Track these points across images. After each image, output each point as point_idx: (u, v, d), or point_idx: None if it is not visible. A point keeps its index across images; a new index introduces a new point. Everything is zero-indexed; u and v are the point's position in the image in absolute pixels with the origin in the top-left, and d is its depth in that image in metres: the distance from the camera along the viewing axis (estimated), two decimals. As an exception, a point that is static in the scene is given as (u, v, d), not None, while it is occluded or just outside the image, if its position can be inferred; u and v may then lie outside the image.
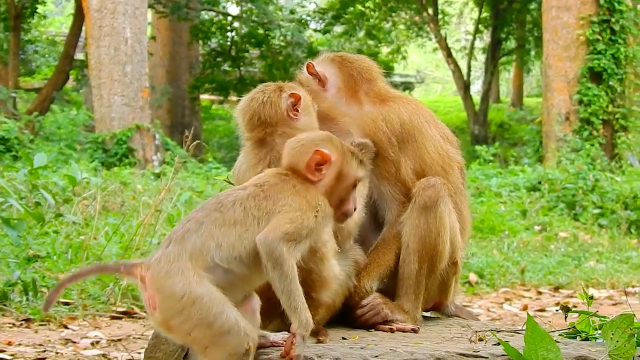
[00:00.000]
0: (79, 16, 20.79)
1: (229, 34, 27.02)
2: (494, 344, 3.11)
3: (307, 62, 3.70)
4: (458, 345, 3.12)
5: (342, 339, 3.20)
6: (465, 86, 28.19)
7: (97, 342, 5.24)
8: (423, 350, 2.95)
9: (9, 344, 4.96)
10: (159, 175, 12.82)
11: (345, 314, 3.41)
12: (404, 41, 31.60)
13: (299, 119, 3.36)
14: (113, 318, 5.95)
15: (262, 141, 3.32)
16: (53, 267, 6.58)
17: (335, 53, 3.86)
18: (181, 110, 25.65)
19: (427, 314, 3.80)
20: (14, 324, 5.52)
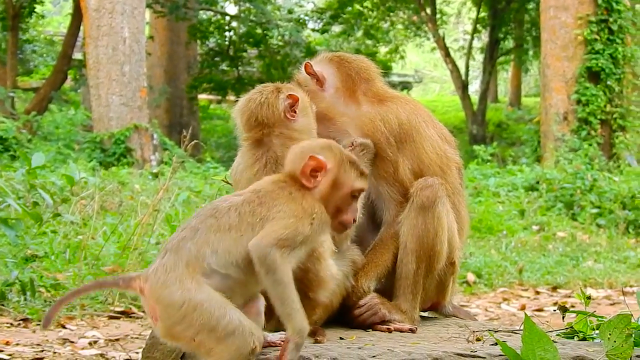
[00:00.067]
0: (77, 16, 20.78)
1: (227, 33, 27.01)
2: (492, 344, 3.11)
3: (305, 62, 3.70)
4: (455, 345, 3.12)
5: (340, 339, 3.20)
6: (463, 86, 28.20)
7: (95, 341, 5.24)
8: (420, 350, 2.96)
9: (6, 343, 4.96)
10: (157, 175, 12.81)
11: (343, 314, 3.41)
12: (402, 41, 31.62)
13: (297, 120, 3.36)
14: (111, 318, 5.95)
15: (259, 142, 3.33)
16: (51, 266, 6.58)
17: (334, 53, 3.86)
18: (179, 110, 25.64)
19: (425, 314, 3.80)
20: (11, 324, 5.52)
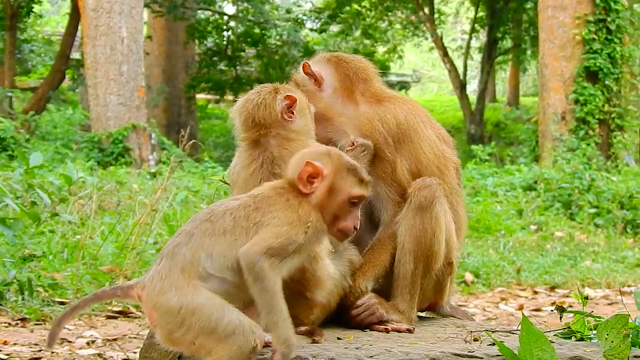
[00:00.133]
0: (75, 15, 20.76)
1: (225, 33, 26.99)
2: (489, 344, 3.11)
3: (303, 62, 3.70)
4: (453, 345, 3.13)
5: (337, 339, 3.20)
6: (461, 85, 28.20)
7: (93, 341, 5.23)
8: (418, 350, 2.96)
9: (4, 343, 4.95)
10: (155, 175, 12.80)
11: (341, 314, 3.41)
12: (400, 40, 31.62)
13: (294, 121, 3.36)
14: (109, 317, 5.95)
15: (256, 142, 3.33)
16: (49, 266, 6.58)
17: (332, 53, 3.86)
18: (177, 109, 25.63)
19: (423, 314, 3.80)
20: (9, 324, 5.52)
